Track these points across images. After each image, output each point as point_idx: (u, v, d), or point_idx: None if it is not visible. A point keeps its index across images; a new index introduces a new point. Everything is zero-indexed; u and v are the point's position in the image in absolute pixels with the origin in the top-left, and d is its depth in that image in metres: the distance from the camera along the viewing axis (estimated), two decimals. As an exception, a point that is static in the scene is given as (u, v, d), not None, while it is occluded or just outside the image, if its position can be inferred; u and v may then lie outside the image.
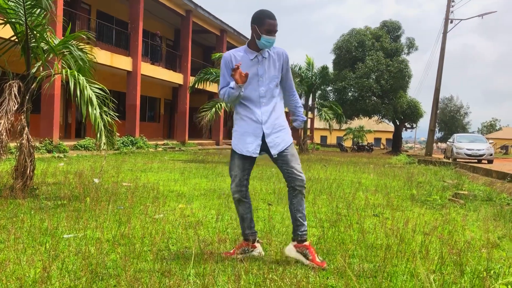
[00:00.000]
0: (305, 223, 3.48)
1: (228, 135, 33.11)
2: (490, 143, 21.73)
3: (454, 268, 3.33)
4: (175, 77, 23.69)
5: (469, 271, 3.27)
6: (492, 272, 3.16)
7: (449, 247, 3.86)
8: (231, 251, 3.54)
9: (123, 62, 19.18)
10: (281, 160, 3.50)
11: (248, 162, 3.54)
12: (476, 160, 19.63)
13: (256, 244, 3.58)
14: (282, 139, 3.51)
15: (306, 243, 3.42)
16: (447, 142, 24.16)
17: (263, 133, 3.48)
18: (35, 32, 6.01)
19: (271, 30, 3.42)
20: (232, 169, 3.56)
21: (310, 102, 27.44)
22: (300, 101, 3.90)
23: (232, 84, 3.39)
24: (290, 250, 3.46)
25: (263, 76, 3.49)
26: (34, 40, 6.10)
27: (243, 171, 3.53)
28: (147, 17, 22.65)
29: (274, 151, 3.47)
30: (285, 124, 3.61)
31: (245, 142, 3.49)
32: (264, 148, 3.50)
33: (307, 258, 3.35)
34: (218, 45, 27.54)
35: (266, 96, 3.51)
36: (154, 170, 10.36)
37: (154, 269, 3.10)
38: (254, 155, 3.49)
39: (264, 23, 3.41)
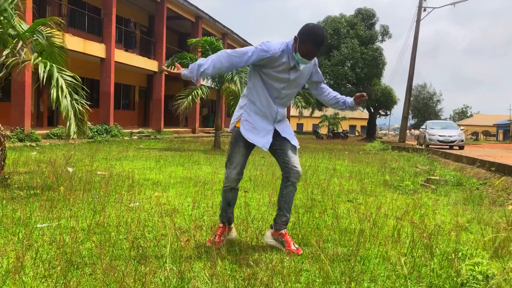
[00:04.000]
0: (288, 215, 3.51)
1: (205, 123, 32.97)
2: (461, 129, 22.22)
3: (425, 251, 3.43)
4: (150, 64, 23.36)
5: (439, 253, 3.38)
6: (460, 254, 3.27)
7: (420, 231, 3.98)
8: (217, 239, 3.48)
9: (96, 49, 18.79)
10: (280, 150, 3.48)
11: (250, 150, 3.52)
12: (448, 146, 20.07)
13: (232, 226, 3.63)
14: (292, 132, 3.59)
15: (283, 231, 3.47)
16: (420, 129, 24.60)
17: (274, 128, 3.46)
18: (1, 18, 5.83)
19: (307, 54, 3.24)
20: (235, 156, 3.45)
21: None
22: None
23: (186, 71, 3.37)
24: (268, 237, 3.52)
25: (293, 82, 3.40)
26: (0, 26, 5.92)
27: (245, 158, 3.48)
28: (121, 3, 22.20)
29: (295, 142, 3.49)
30: None
31: (257, 135, 3.41)
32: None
33: (284, 246, 3.41)
34: (193, 31, 27.21)
35: (283, 99, 3.46)
36: (129, 158, 10.26)
37: (130, 257, 3.10)
38: (265, 149, 3.43)
39: (305, 43, 3.20)
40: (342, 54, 32.54)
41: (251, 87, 3.44)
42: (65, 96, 5.63)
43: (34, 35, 6.13)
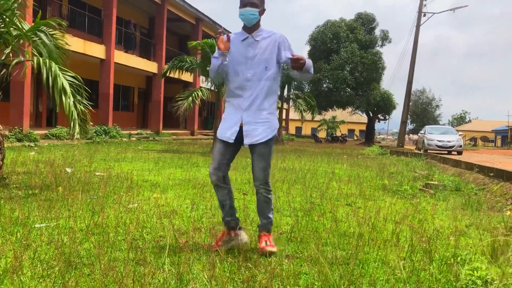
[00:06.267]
0: (264, 220, 3.51)
1: (203, 125, 32.96)
2: (460, 135, 22.28)
3: (424, 255, 3.43)
4: (149, 66, 23.36)
5: (438, 258, 3.38)
6: (459, 258, 3.27)
7: (419, 235, 3.98)
8: (213, 243, 3.45)
9: (96, 50, 18.79)
10: (252, 154, 3.47)
11: (229, 148, 3.43)
12: (446, 152, 20.08)
13: (239, 232, 3.52)
14: (260, 132, 3.37)
15: (261, 233, 3.50)
16: (419, 134, 24.63)
17: (242, 120, 3.39)
18: (4, 17, 5.83)
19: (242, 2, 3.33)
20: (213, 152, 3.52)
21: (285, 93, 27.52)
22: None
23: (216, 53, 3.35)
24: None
25: (253, 58, 3.37)
26: (3, 25, 5.92)
27: (222, 155, 3.42)
28: (121, 4, 22.21)
29: (246, 141, 3.36)
30: (271, 117, 3.45)
31: (224, 127, 3.43)
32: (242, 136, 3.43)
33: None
34: (193, 34, 27.24)
35: (252, 80, 3.37)
36: (128, 159, 10.25)
37: (128, 258, 3.09)
38: (230, 141, 3.38)
39: None
40: (342, 58, 32.60)
41: (226, 82, 3.54)
42: (69, 97, 5.63)
43: (37, 35, 6.12)
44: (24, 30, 6.02)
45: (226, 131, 3.42)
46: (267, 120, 3.42)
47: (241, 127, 3.39)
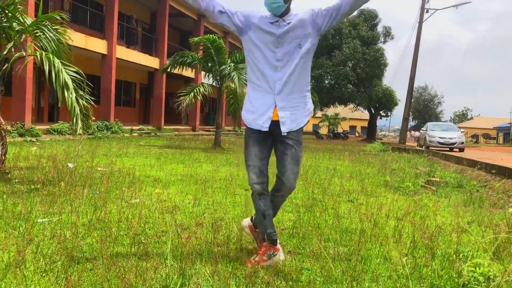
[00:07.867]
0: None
1: (205, 121, 32.95)
2: (461, 132, 22.22)
3: (426, 252, 3.43)
4: (151, 61, 23.33)
5: (440, 254, 3.37)
6: (461, 255, 3.27)
7: (421, 232, 3.97)
8: (256, 258, 3.03)
9: (97, 45, 18.77)
10: (280, 152, 3.07)
11: (265, 146, 3.07)
12: (448, 148, 20.04)
13: (279, 247, 3.10)
14: (296, 117, 3.04)
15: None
16: (421, 131, 24.61)
17: (276, 105, 3.01)
18: (6, 12, 5.82)
19: None
20: (249, 158, 3.06)
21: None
22: None
23: None
24: (245, 223, 3.42)
25: (283, 37, 2.98)
26: (5, 19, 5.91)
27: (261, 159, 3.04)
28: (123, -1, 22.18)
29: (284, 128, 2.99)
30: (307, 98, 3.12)
31: (255, 114, 3.04)
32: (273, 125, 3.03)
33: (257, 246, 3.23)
34: (195, 29, 27.19)
35: (284, 60, 2.99)
36: (130, 155, 10.25)
37: (131, 253, 3.09)
38: (264, 129, 3.00)
39: None
40: (344, 54, 32.48)
41: (247, 67, 3.14)
42: (71, 92, 5.64)
43: (39, 30, 6.11)
44: (26, 25, 6.01)
45: (258, 118, 3.03)
46: (302, 102, 3.09)
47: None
